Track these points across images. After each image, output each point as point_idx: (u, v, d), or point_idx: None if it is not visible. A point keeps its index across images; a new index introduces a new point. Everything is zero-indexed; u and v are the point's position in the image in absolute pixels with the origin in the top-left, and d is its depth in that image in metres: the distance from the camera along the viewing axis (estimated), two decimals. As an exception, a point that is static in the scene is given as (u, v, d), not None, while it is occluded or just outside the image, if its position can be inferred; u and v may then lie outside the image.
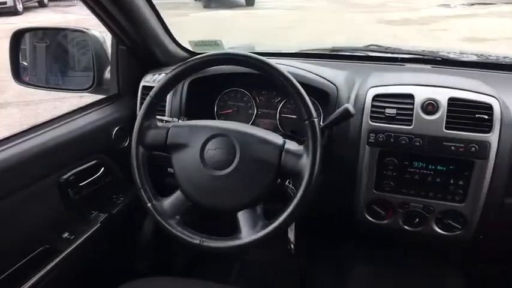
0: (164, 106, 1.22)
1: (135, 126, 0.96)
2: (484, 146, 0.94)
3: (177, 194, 0.94)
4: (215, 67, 1.14)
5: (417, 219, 1.06)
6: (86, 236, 1.12)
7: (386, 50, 1.40)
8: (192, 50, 1.42)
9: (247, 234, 0.86)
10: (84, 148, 1.15)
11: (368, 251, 1.46)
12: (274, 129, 1.23)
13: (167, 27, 1.28)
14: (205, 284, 0.97)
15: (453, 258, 1.42)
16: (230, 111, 1.29)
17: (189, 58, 0.97)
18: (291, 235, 1.08)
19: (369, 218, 1.10)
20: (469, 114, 0.95)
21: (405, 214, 1.06)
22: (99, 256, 1.24)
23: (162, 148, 0.96)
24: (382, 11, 9.58)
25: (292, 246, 1.08)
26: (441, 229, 1.05)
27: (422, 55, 1.36)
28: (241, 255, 1.66)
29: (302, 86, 0.87)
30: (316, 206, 0.96)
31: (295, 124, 1.20)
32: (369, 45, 1.44)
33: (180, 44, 1.37)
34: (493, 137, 0.94)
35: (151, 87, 0.99)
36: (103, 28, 1.20)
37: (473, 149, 0.95)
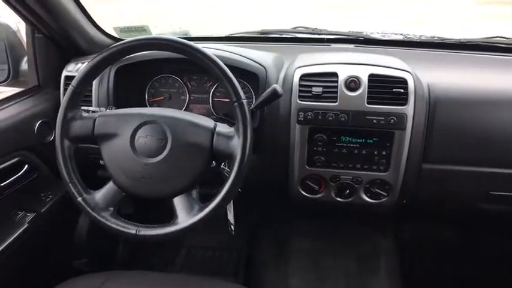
0: (90, 96, 1.16)
1: (58, 118, 0.91)
2: (402, 117, 1.02)
3: (109, 185, 0.92)
4: (143, 53, 1.11)
5: (348, 191, 1.13)
6: (12, 238, 1.05)
7: (313, 31, 1.44)
8: (117, 36, 1.37)
9: (184, 218, 0.86)
10: (3, 145, 1.07)
11: (306, 226, 1.52)
12: (208, 114, 1.23)
13: (88, 13, 1.22)
14: (145, 274, 0.96)
15: (383, 223, 1.54)
16: (162, 98, 1.27)
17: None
18: (230, 216, 1.09)
19: (303, 193, 1.15)
20: (387, 88, 1.02)
21: (337, 187, 1.13)
22: (30, 258, 1.18)
23: (89, 139, 0.92)
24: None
25: (232, 227, 1.10)
26: (369, 198, 1.13)
27: (346, 35, 1.42)
28: (185, 242, 1.66)
29: (230, 69, 0.87)
30: (253, 186, 0.98)
31: (228, 107, 1.21)
32: (296, 27, 1.48)
33: (103, 31, 1.31)
34: (408, 109, 1.02)
35: (74, 77, 0.94)
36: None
37: (392, 120, 1.02)
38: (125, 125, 0.90)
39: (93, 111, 1.01)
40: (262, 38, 1.43)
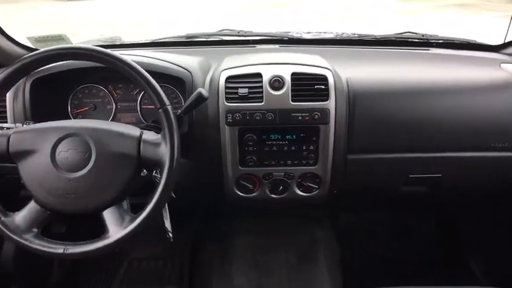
0: (4, 112, 1.09)
1: None
2: (325, 112, 1.07)
3: (31, 205, 0.87)
4: (62, 63, 1.06)
5: (281, 187, 1.16)
6: None
7: (239, 33, 1.46)
8: (33, 46, 1.29)
9: (115, 231, 0.84)
10: None
11: (245, 224, 1.55)
12: (137, 122, 1.21)
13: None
14: None
15: (319, 214, 1.61)
16: (86, 109, 1.22)
17: None
18: (167, 224, 1.08)
19: (239, 193, 1.16)
20: (309, 86, 1.07)
21: (270, 184, 1.16)
22: None
23: (4, 158, 0.87)
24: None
25: (170, 234, 1.08)
26: (302, 191, 1.17)
27: (271, 36, 1.46)
28: (127, 254, 1.61)
29: (155, 75, 0.87)
30: (189, 190, 0.98)
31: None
32: (222, 30, 1.49)
33: (16, 41, 1.23)
34: (330, 104, 1.07)
35: None
36: None
37: (317, 116, 1.07)
38: (43, 140, 0.86)
39: (7, 128, 0.95)
40: (189, 42, 1.43)
